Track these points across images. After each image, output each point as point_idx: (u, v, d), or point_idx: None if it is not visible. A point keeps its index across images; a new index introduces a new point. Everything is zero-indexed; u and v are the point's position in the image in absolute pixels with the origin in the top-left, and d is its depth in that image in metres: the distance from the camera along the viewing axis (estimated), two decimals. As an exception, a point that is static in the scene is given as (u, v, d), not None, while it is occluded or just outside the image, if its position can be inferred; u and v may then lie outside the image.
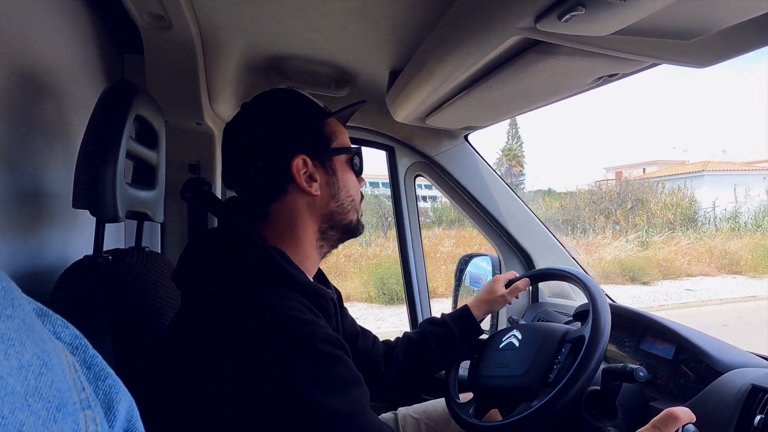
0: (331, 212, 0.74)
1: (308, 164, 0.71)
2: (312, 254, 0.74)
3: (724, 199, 15.66)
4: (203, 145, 1.33)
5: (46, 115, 0.82)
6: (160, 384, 0.63)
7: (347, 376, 0.60)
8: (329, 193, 0.73)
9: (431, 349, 1.01)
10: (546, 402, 0.79)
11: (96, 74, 1.03)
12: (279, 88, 0.77)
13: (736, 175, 17.19)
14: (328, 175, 0.73)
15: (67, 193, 0.72)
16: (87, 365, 0.26)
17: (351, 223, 0.77)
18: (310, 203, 0.72)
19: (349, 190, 0.76)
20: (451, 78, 0.84)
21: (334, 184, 0.74)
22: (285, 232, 0.71)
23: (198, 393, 0.58)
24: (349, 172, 0.77)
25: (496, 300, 1.08)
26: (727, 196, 15.85)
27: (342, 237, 0.78)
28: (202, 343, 0.59)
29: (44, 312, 0.25)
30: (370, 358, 0.97)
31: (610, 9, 0.48)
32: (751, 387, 0.75)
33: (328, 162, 0.74)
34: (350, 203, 0.76)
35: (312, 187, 0.71)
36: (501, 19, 0.59)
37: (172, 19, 0.84)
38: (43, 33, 0.81)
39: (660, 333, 1.03)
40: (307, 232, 0.73)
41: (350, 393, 0.59)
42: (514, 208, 1.50)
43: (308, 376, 0.56)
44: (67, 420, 0.21)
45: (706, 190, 16.74)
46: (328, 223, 0.74)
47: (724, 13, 0.54)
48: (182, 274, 0.69)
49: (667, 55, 0.64)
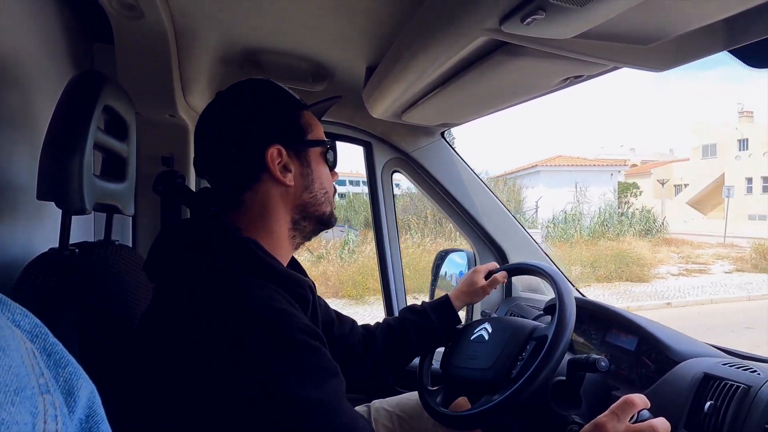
0: (305, 203, 0.75)
1: (283, 154, 0.71)
2: (284, 244, 0.75)
3: (562, 199, 14.51)
4: (177, 137, 1.31)
5: (10, 104, 0.79)
6: (131, 377, 0.62)
7: (323, 366, 0.61)
8: (303, 184, 0.74)
9: (410, 337, 1.03)
10: (506, 397, 0.82)
11: (64, 63, 1.01)
12: (256, 78, 0.77)
13: (579, 172, 16.08)
14: (302, 166, 0.74)
15: (31, 184, 0.70)
16: (47, 353, 0.26)
17: (324, 215, 0.78)
18: (283, 193, 0.73)
19: (323, 182, 0.77)
20: (425, 75, 0.85)
21: (308, 176, 0.74)
22: (258, 221, 0.72)
23: (172, 384, 0.58)
24: (323, 165, 0.78)
25: (476, 291, 1.10)
26: (565, 196, 14.71)
27: (315, 228, 0.79)
28: (177, 334, 0.59)
29: (2, 300, 0.26)
30: (348, 344, 0.98)
31: (569, 13, 0.51)
32: (703, 375, 0.79)
33: (303, 153, 0.74)
34: (323, 195, 0.77)
35: (286, 177, 0.72)
36: (468, 20, 0.61)
37: (143, 8, 0.82)
38: (7, 19, 0.78)
39: (624, 326, 1.07)
40: (280, 222, 0.73)
41: (325, 383, 0.59)
42: (489, 205, 1.53)
43: (283, 365, 0.56)
44: (24, 403, 0.21)
45: (542, 188, 15.55)
46: (301, 213, 0.75)
47: (679, 19, 0.57)
48: (154, 265, 0.68)
49: (627, 58, 0.67)
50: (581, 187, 15.11)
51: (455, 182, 1.51)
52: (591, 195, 15.08)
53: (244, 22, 0.95)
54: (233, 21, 0.94)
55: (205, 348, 0.56)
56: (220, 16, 0.93)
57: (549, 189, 15.78)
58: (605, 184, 16.22)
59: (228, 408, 0.55)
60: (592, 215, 13.58)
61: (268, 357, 0.56)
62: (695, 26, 0.59)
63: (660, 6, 0.53)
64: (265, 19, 0.93)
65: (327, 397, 0.58)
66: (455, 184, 1.51)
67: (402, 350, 1.04)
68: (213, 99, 0.75)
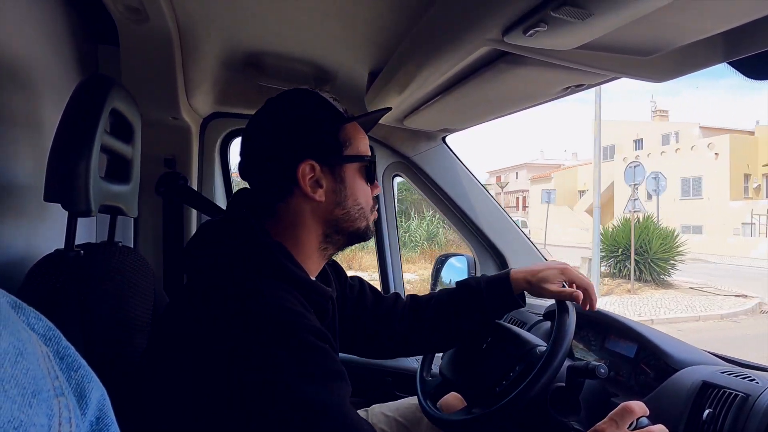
0: (336, 219, 0.74)
1: (316, 169, 0.71)
2: (314, 255, 0.75)
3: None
4: (179, 139, 1.32)
5: (17, 106, 0.80)
6: (143, 370, 0.64)
7: (329, 368, 0.61)
8: (335, 200, 0.73)
9: (461, 318, 0.93)
10: (484, 414, 0.84)
11: (69, 65, 1.01)
12: (301, 89, 0.76)
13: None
14: (335, 182, 0.73)
15: (36, 185, 0.71)
16: (60, 356, 0.27)
17: (358, 230, 0.76)
18: (314, 208, 0.72)
19: (357, 198, 0.75)
20: (427, 82, 0.86)
21: (340, 192, 0.73)
22: (289, 231, 0.72)
23: (182, 377, 0.59)
24: (360, 180, 0.76)
25: (540, 291, 0.91)
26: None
27: (349, 241, 0.78)
28: (189, 328, 0.61)
29: (18, 304, 0.26)
30: (387, 320, 0.95)
31: (570, 27, 0.52)
32: (702, 383, 0.80)
33: (337, 169, 0.73)
34: (358, 211, 0.75)
35: (317, 193, 0.71)
36: (471, 30, 0.62)
37: (148, 12, 0.83)
38: (15, 21, 0.79)
39: (623, 332, 1.07)
40: (310, 235, 0.73)
41: (329, 385, 0.60)
42: (490, 210, 1.53)
43: (288, 364, 0.57)
44: (41, 406, 0.22)
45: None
46: (333, 228, 0.74)
47: (679, 32, 0.58)
48: (187, 258, 0.71)
49: (627, 69, 0.68)
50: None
51: (456, 187, 1.51)
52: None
53: (247, 26, 0.96)
54: (237, 25, 0.95)
55: (215, 344, 0.58)
56: (223, 20, 0.94)
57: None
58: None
59: (233, 406, 0.56)
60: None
61: (273, 354, 0.57)
62: (695, 39, 0.60)
63: (660, 19, 0.54)
64: (268, 23, 0.94)
65: (331, 399, 0.59)
66: (456, 189, 1.51)
67: (451, 331, 0.94)
68: (262, 106, 0.75)
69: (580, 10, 0.48)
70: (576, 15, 0.48)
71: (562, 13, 0.48)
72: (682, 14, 0.53)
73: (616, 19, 0.50)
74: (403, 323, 0.95)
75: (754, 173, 21.04)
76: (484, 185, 1.58)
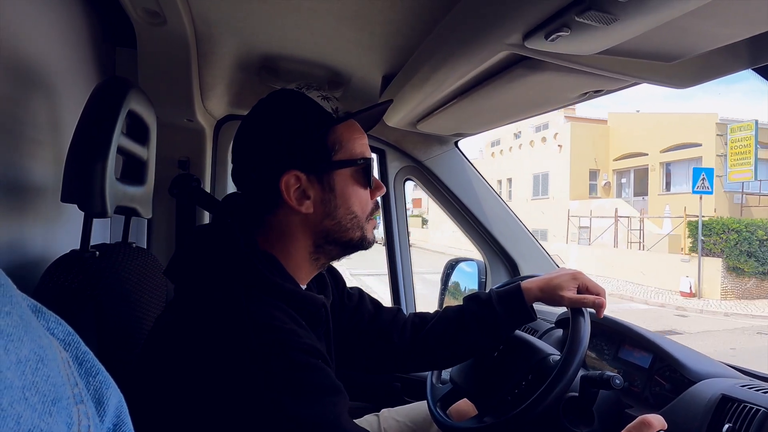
0: (327, 230, 0.69)
1: (302, 180, 0.66)
2: (304, 265, 0.71)
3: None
4: (193, 141, 1.33)
5: (35, 107, 0.81)
6: (140, 379, 0.62)
7: (321, 384, 0.59)
8: (324, 211, 0.68)
9: (470, 331, 0.89)
10: (496, 423, 0.82)
11: (88, 67, 1.03)
12: (283, 90, 0.71)
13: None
14: (324, 192, 0.68)
15: (54, 186, 0.71)
16: (79, 361, 0.27)
17: (351, 241, 0.71)
18: (303, 220, 0.68)
19: (351, 207, 0.70)
20: (443, 86, 0.86)
21: (330, 202, 0.68)
22: (278, 242, 0.69)
23: (171, 393, 0.57)
24: (355, 186, 0.70)
25: (554, 298, 0.88)
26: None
27: (344, 252, 0.73)
28: (179, 342, 0.59)
29: (38, 308, 0.26)
30: (385, 334, 0.91)
31: (594, 32, 0.51)
32: (721, 396, 0.78)
33: (326, 176, 0.68)
34: (350, 221, 0.70)
35: (303, 205, 0.67)
36: (491, 35, 0.61)
37: (166, 15, 0.84)
38: (35, 25, 0.80)
39: (637, 342, 1.05)
40: (299, 246, 0.70)
41: (321, 402, 0.58)
42: (501, 215, 1.52)
43: (278, 383, 0.55)
44: (61, 413, 0.22)
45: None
46: (324, 239, 0.70)
47: (702, 39, 0.57)
48: (174, 268, 0.68)
49: (649, 75, 0.66)
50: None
51: (468, 192, 1.50)
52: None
53: (262, 30, 0.97)
54: (252, 28, 0.96)
55: (203, 358, 0.56)
56: (239, 24, 0.94)
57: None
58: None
59: (221, 424, 0.54)
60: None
61: (263, 373, 0.55)
62: (719, 45, 0.58)
63: (685, 25, 0.53)
64: (283, 26, 0.94)
65: (325, 415, 0.57)
66: (468, 194, 1.50)
67: (457, 347, 0.90)
68: (249, 111, 0.71)
69: (605, 15, 0.46)
70: (601, 20, 0.47)
71: (587, 17, 0.47)
72: (708, 20, 0.52)
73: (642, 25, 0.49)
74: (403, 337, 0.91)
75: (604, 168, 17.95)
76: (495, 190, 1.56)
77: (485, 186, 1.52)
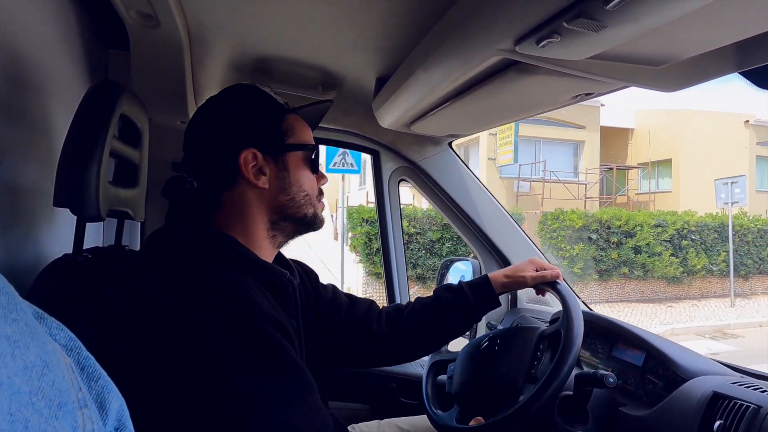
0: (282, 205, 0.76)
1: (258, 158, 0.73)
2: (263, 243, 0.76)
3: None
4: None
5: (27, 109, 0.80)
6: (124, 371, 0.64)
7: (280, 359, 0.61)
8: (278, 186, 0.75)
9: (444, 317, 0.97)
10: (533, 395, 0.81)
11: (80, 69, 1.02)
12: (240, 84, 0.79)
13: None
14: (278, 170, 0.75)
15: (46, 190, 0.71)
16: (81, 366, 0.27)
17: (305, 217, 0.78)
18: (259, 195, 0.74)
19: (303, 186, 0.77)
20: (436, 89, 0.86)
21: (284, 179, 0.75)
22: (236, 221, 0.73)
23: (146, 373, 0.60)
24: (305, 169, 0.78)
25: (518, 280, 1.00)
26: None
27: (297, 229, 0.80)
28: (149, 324, 0.62)
29: (40, 315, 0.26)
30: (362, 326, 0.96)
31: (583, 38, 0.52)
32: (713, 394, 0.79)
33: (280, 157, 0.75)
34: (303, 197, 0.77)
35: (260, 180, 0.73)
36: (483, 40, 0.62)
37: (160, 17, 0.84)
38: (27, 27, 0.80)
39: (630, 340, 1.07)
40: (257, 222, 0.75)
41: (279, 379, 0.60)
42: (495, 214, 1.53)
43: (236, 353, 0.57)
44: (66, 418, 0.22)
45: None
46: (279, 214, 0.76)
47: (688, 44, 0.58)
48: (138, 268, 0.71)
49: (639, 79, 0.68)
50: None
51: (462, 192, 1.51)
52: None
53: (256, 32, 0.97)
54: (246, 30, 0.96)
55: (169, 334, 0.59)
56: (233, 26, 0.94)
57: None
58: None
59: (176, 387, 0.57)
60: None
61: (222, 342, 0.58)
62: (706, 49, 0.59)
63: (672, 30, 0.53)
64: (277, 28, 0.94)
65: (277, 393, 0.59)
66: (462, 194, 1.51)
67: (433, 331, 0.98)
68: (207, 99, 0.78)
69: (594, 22, 0.48)
70: (590, 27, 0.48)
71: (576, 24, 0.48)
72: (695, 27, 0.53)
73: (630, 32, 0.50)
74: (380, 326, 0.96)
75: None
76: (489, 191, 1.57)
77: (479, 186, 1.52)
